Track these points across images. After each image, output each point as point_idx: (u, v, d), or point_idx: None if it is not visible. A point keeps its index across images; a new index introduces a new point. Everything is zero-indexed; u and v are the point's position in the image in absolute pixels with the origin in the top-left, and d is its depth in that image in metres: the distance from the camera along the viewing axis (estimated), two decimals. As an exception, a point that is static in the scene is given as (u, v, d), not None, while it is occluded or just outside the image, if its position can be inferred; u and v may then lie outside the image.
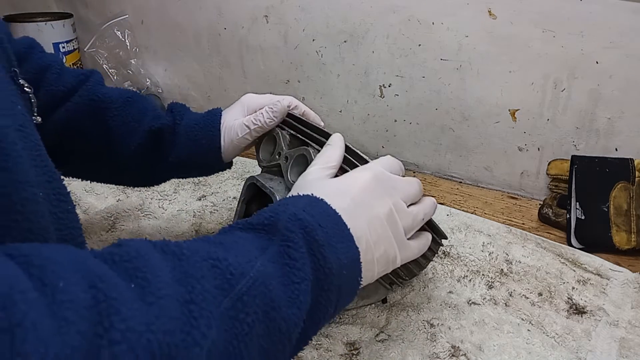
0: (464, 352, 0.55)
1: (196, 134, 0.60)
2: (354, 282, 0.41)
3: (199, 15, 1.10)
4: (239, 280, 0.32)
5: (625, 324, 0.60)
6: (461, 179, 0.98)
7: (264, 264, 0.34)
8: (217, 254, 0.32)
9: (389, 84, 0.97)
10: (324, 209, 0.41)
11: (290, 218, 0.37)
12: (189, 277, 0.30)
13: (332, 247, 0.38)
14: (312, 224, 0.37)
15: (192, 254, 0.32)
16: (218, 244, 0.34)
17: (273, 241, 0.36)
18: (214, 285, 0.31)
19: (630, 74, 0.79)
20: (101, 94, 0.59)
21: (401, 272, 0.58)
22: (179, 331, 0.27)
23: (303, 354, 0.53)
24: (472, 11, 0.85)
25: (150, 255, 0.30)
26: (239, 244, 0.35)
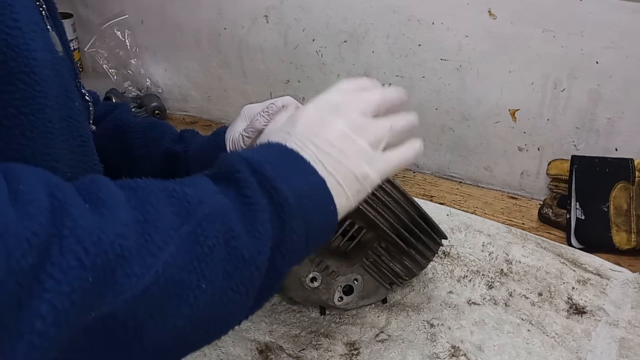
0: (464, 352, 0.55)
1: (205, 158, 0.61)
2: (326, 209, 0.39)
3: (199, 15, 1.10)
4: (197, 208, 0.32)
5: (625, 324, 0.60)
6: (461, 179, 0.98)
7: (221, 197, 0.34)
8: (174, 186, 0.33)
9: (389, 84, 0.97)
10: (269, 146, 0.41)
11: (237, 161, 0.37)
12: (144, 203, 0.31)
13: (284, 179, 0.37)
14: (259, 161, 0.37)
15: (148, 186, 0.32)
16: (174, 181, 0.35)
17: (228, 186, 0.36)
18: (171, 212, 0.31)
19: (630, 74, 0.79)
20: (126, 119, 0.65)
21: (401, 272, 0.58)
22: (132, 238, 0.28)
23: (303, 354, 0.53)
24: (472, 11, 0.85)
25: (107, 183, 0.31)
26: (196, 181, 0.36)
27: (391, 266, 0.58)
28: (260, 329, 0.57)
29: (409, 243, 0.56)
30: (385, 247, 0.57)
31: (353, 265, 0.57)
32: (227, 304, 0.35)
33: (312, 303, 0.59)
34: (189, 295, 0.32)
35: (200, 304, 0.32)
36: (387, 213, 0.54)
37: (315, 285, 0.55)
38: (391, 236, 0.55)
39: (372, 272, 0.58)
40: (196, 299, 0.32)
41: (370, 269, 0.58)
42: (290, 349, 0.54)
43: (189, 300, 0.32)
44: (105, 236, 0.27)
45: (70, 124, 0.39)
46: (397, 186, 0.55)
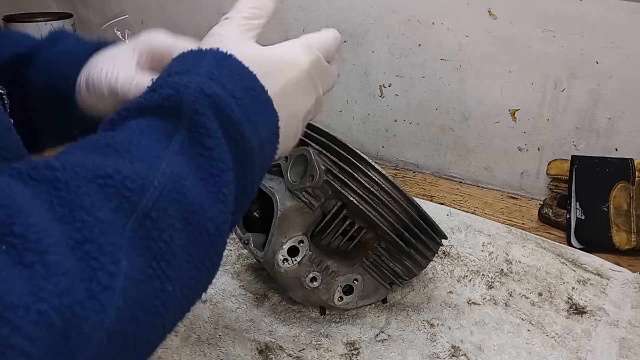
0: (464, 352, 0.55)
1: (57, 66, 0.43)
2: (273, 152, 0.35)
3: (199, 15, 1.10)
4: (142, 194, 0.26)
5: (625, 324, 0.60)
6: (461, 179, 0.98)
7: (171, 161, 0.27)
8: (106, 166, 0.25)
9: (389, 84, 0.97)
10: (236, 69, 0.32)
11: (196, 95, 0.29)
12: (74, 210, 0.23)
13: (251, 123, 0.31)
14: (225, 99, 0.30)
15: (71, 176, 0.24)
16: (104, 147, 0.27)
17: (179, 127, 0.29)
18: (110, 210, 0.24)
19: (630, 74, 0.79)
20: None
21: (401, 272, 0.58)
22: (78, 284, 0.22)
23: (303, 354, 0.54)
24: (472, 11, 0.85)
25: (15, 196, 0.22)
26: (132, 141, 0.27)
27: (391, 266, 0.58)
28: (260, 329, 0.57)
29: (409, 243, 0.56)
30: (385, 247, 0.57)
31: (353, 265, 0.57)
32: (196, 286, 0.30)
33: (312, 303, 0.59)
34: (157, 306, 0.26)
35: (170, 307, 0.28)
36: (387, 213, 0.54)
37: (315, 285, 0.55)
38: (391, 236, 0.55)
39: (372, 272, 0.58)
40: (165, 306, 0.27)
41: (370, 269, 0.58)
42: (290, 349, 0.54)
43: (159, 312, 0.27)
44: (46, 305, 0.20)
45: None
46: (397, 186, 0.55)
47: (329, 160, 0.54)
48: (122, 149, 0.27)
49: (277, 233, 0.54)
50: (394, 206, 0.55)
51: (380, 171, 0.54)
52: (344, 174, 0.53)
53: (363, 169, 0.54)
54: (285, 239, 0.54)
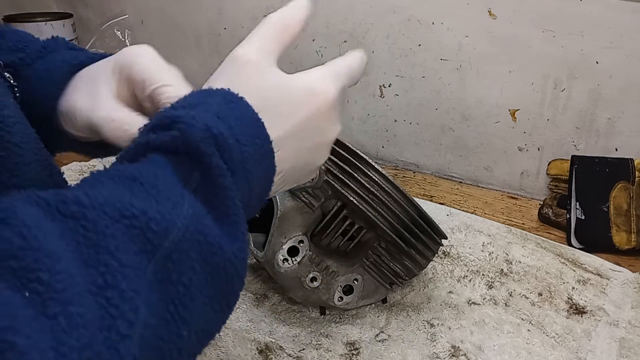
0: (464, 352, 0.55)
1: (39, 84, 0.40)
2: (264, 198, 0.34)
3: (199, 15, 1.10)
4: (165, 236, 0.25)
5: (625, 324, 0.60)
6: (461, 179, 0.98)
7: (192, 202, 0.27)
8: (133, 206, 0.25)
9: (389, 84, 0.97)
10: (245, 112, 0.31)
11: (203, 135, 0.28)
12: (100, 252, 0.23)
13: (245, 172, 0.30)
14: (229, 141, 0.29)
15: (99, 215, 0.24)
16: (131, 181, 0.27)
17: (193, 165, 0.29)
18: (134, 252, 0.24)
19: (630, 74, 0.79)
20: None
21: (401, 272, 0.58)
22: (98, 335, 0.22)
23: (303, 354, 0.54)
24: (472, 11, 0.85)
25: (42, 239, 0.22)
26: (158, 176, 0.27)
27: (391, 266, 0.58)
28: (260, 329, 0.57)
29: (409, 243, 0.56)
30: (385, 247, 0.57)
31: (353, 265, 0.57)
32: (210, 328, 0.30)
33: (312, 303, 0.59)
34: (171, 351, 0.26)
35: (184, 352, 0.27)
36: (387, 213, 0.54)
37: (315, 285, 0.55)
38: (391, 236, 0.55)
39: (372, 272, 0.58)
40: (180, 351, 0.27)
41: (370, 269, 0.58)
42: (290, 349, 0.54)
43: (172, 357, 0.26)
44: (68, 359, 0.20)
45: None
46: (397, 186, 0.55)
47: (329, 160, 0.54)
48: (148, 184, 0.27)
49: (277, 233, 0.54)
50: (394, 206, 0.55)
51: (380, 171, 0.54)
52: (344, 174, 0.53)
53: (363, 169, 0.54)
54: (285, 239, 0.54)
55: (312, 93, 0.34)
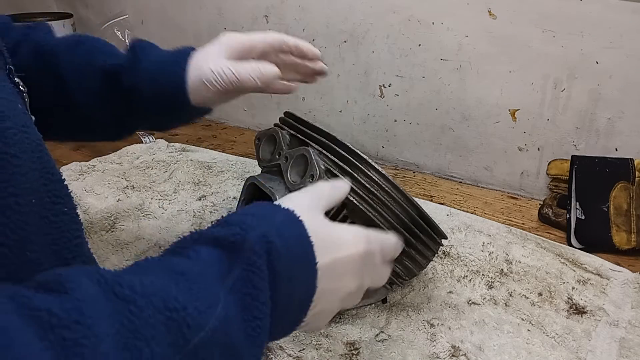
0: (464, 352, 0.55)
1: (158, 73, 0.52)
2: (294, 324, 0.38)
3: (199, 15, 1.10)
4: (196, 333, 0.28)
5: (625, 324, 0.60)
6: (461, 179, 0.98)
7: (226, 303, 0.30)
8: (176, 299, 0.28)
9: (389, 84, 0.97)
10: (300, 233, 0.36)
11: (259, 239, 0.33)
12: (138, 338, 0.26)
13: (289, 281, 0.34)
14: (280, 251, 0.33)
15: (147, 304, 0.27)
16: (179, 275, 0.30)
17: (236, 264, 0.32)
18: (167, 344, 0.27)
19: (630, 74, 0.79)
20: (45, 42, 0.53)
21: (401, 272, 0.58)
22: None
23: (303, 354, 0.54)
24: (472, 11, 0.85)
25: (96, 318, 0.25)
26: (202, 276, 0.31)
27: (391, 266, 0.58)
28: (260, 329, 0.57)
29: (409, 243, 0.56)
30: None
31: None
32: None
33: None
34: None
35: None
36: (387, 213, 0.54)
37: None
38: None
39: None
40: None
41: None
42: (290, 349, 0.54)
43: None
44: None
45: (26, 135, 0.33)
46: (397, 186, 0.55)
47: (329, 160, 0.54)
48: (192, 281, 0.30)
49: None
50: (394, 206, 0.55)
51: (380, 171, 0.54)
52: (343, 173, 0.53)
53: (363, 169, 0.54)
54: None
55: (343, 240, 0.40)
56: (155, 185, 0.85)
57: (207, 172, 0.91)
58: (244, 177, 0.88)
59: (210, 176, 0.90)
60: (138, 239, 0.70)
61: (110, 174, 0.88)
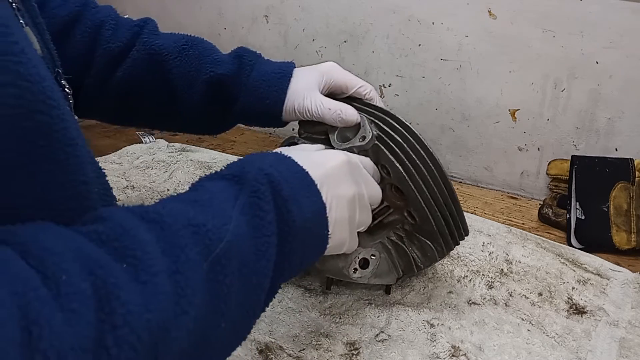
0: (464, 352, 0.55)
1: (262, 91, 0.59)
2: (321, 236, 0.43)
3: (199, 15, 1.10)
4: (217, 244, 0.33)
5: (625, 324, 0.60)
6: (461, 179, 0.98)
7: (238, 222, 0.35)
8: (197, 218, 0.33)
9: (389, 84, 0.97)
10: (291, 165, 0.42)
11: (258, 172, 0.39)
12: (174, 246, 0.31)
13: (297, 202, 0.39)
14: (278, 179, 0.39)
15: (173, 221, 0.32)
16: (193, 202, 0.35)
17: (243, 191, 0.37)
18: (196, 252, 0.32)
19: (630, 74, 0.79)
20: (157, 46, 0.59)
21: (418, 259, 0.59)
22: (171, 305, 0.29)
23: (303, 354, 0.54)
24: (472, 11, 0.85)
25: (136, 230, 0.30)
26: (213, 201, 0.36)
27: (409, 251, 0.59)
28: (260, 329, 0.57)
29: (438, 224, 0.56)
30: (408, 230, 0.58)
31: (374, 240, 0.58)
32: (239, 330, 0.37)
33: (327, 270, 0.58)
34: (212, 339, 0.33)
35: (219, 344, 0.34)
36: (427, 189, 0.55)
37: None
38: (424, 210, 0.55)
39: (391, 252, 0.59)
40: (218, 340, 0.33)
41: (390, 248, 0.59)
42: (290, 349, 0.54)
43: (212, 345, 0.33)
44: (152, 315, 0.27)
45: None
46: (443, 171, 0.56)
47: (379, 129, 0.56)
48: (206, 205, 0.35)
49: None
50: (435, 185, 0.55)
51: (431, 151, 0.55)
52: (394, 142, 0.55)
53: (412, 142, 0.55)
54: None
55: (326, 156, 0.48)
56: (155, 185, 0.85)
57: (207, 172, 0.90)
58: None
59: (210, 176, 0.90)
60: (138, 239, 0.70)
61: (110, 174, 0.87)
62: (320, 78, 0.58)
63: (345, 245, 0.48)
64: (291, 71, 0.60)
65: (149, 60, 0.59)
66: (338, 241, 0.46)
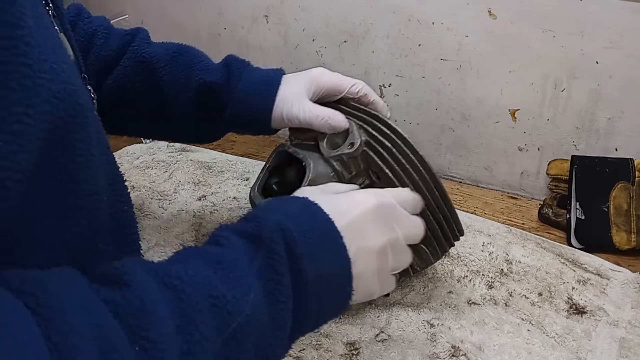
0: (464, 352, 0.55)
1: (251, 99, 0.58)
2: (342, 293, 0.40)
3: (199, 15, 1.10)
4: (235, 318, 0.32)
5: (625, 324, 0.60)
6: (461, 179, 0.98)
7: (257, 290, 0.34)
8: (217, 288, 0.32)
9: (389, 84, 0.97)
10: (315, 214, 0.39)
11: (273, 227, 0.36)
12: (190, 323, 0.30)
13: (312, 259, 0.36)
14: (295, 234, 0.36)
15: (193, 291, 0.31)
16: (216, 265, 0.34)
17: (259, 252, 0.36)
18: (212, 327, 0.31)
19: (630, 74, 0.79)
20: (148, 54, 0.59)
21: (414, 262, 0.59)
22: None
23: (303, 354, 0.54)
24: (472, 11, 0.85)
25: (154, 306, 0.29)
26: (237, 264, 0.34)
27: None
28: (260, 329, 0.57)
29: (432, 228, 0.56)
30: None
31: None
32: None
33: None
34: None
35: None
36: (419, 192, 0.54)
37: None
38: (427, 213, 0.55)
39: None
40: None
41: None
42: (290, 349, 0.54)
43: None
44: None
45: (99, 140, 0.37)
46: (434, 174, 0.56)
47: (368, 134, 0.55)
48: (229, 269, 0.34)
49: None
50: (426, 188, 0.55)
51: (420, 154, 0.55)
52: (383, 148, 0.54)
53: (402, 147, 0.55)
54: None
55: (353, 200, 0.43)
56: (155, 185, 0.85)
57: (207, 172, 0.91)
58: (244, 177, 0.88)
59: (210, 176, 0.90)
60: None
61: (110, 174, 0.88)
62: (309, 84, 0.58)
63: (375, 294, 0.44)
64: (279, 78, 0.59)
65: (139, 68, 0.59)
66: (364, 294, 0.42)
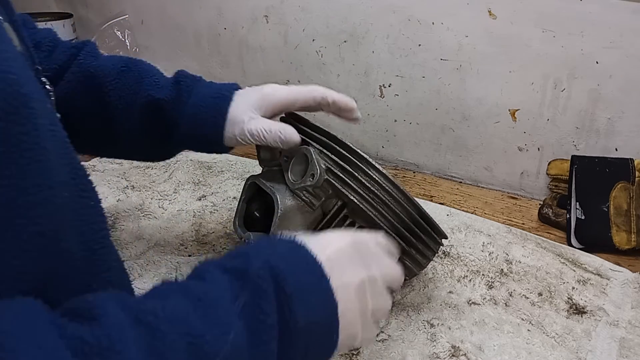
0: (464, 352, 0.55)
1: (201, 117, 0.55)
2: (329, 340, 0.38)
3: (199, 15, 1.10)
4: (213, 358, 0.30)
5: (625, 324, 0.60)
6: (461, 179, 0.98)
7: (238, 330, 0.32)
8: (195, 327, 0.30)
9: (389, 84, 0.97)
10: (305, 257, 0.38)
11: (263, 265, 0.35)
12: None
13: (303, 301, 0.35)
14: (284, 273, 0.35)
15: (169, 329, 0.29)
16: (197, 301, 0.32)
17: (244, 289, 0.34)
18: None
19: (630, 74, 0.79)
20: (94, 68, 0.55)
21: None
22: None
23: (303, 354, 0.53)
24: (472, 11, 0.85)
25: (123, 344, 0.27)
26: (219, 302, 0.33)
27: None
28: (260, 329, 0.57)
29: (409, 242, 0.56)
30: None
31: None
32: None
33: None
34: None
35: None
36: (387, 212, 0.54)
37: None
38: (392, 235, 0.55)
39: None
40: None
41: None
42: (290, 349, 0.54)
43: None
44: None
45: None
46: (398, 185, 0.55)
47: (330, 159, 0.54)
48: (210, 306, 0.32)
49: (278, 232, 0.54)
50: (395, 205, 0.55)
51: (381, 170, 0.54)
52: (344, 173, 0.53)
53: (364, 168, 0.54)
54: None
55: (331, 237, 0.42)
56: (155, 185, 0.85)
57: (207, 172, 0.91)
58: (244, 177, 0.88)
59: (210, 176, 0.90)
60: (138, 239, 0.70)
61: (110, 174, 0.88)
62: (261, 101, 0.56)
63: (357, 339, 0.41)
64: (231, 95, 0.56)
65: (85, 82, 0.55)
66: (347, 335, 0.39)
